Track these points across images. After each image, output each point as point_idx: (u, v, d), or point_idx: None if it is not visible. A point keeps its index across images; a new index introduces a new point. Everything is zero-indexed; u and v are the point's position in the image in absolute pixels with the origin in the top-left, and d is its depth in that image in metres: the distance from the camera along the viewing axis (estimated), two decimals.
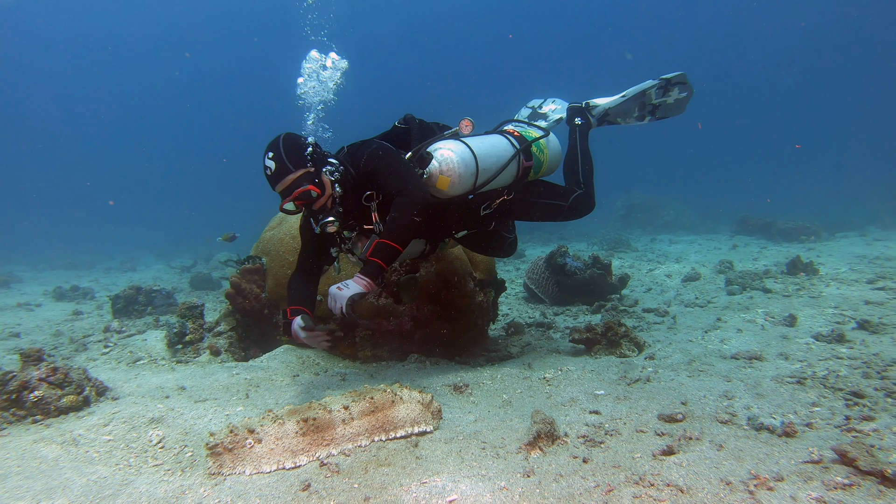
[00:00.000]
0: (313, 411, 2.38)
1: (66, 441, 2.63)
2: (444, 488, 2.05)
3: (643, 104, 4.50)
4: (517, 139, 3.71)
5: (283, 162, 2.97)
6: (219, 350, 4.37)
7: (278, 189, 3.03)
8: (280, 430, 2.31)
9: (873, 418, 2.58)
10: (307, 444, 2.32)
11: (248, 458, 2.26)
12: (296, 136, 3.15)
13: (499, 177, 3.51)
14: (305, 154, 3.04)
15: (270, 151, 3.01)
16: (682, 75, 4.40)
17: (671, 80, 4.39)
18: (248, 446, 2.27)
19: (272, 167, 2.98)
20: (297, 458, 2.29)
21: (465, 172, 3.33)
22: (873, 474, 1.97)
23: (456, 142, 3.43)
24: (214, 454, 2.26)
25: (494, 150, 3.52)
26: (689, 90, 4.43)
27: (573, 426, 2.65)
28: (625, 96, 4.44)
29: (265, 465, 2.26)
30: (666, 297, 6.90)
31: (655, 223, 18.08)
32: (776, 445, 2.32)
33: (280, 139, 3.05)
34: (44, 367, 3.23)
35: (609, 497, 1.95)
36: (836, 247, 10.34)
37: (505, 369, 3.81)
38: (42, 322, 7.06)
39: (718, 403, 2.87)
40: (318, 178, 3.06)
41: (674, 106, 4.49)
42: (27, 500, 2.04)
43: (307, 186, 2.99)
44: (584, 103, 4.48)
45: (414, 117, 3.66)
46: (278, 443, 2.29)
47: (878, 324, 4.32)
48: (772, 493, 1.92)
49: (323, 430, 2.36)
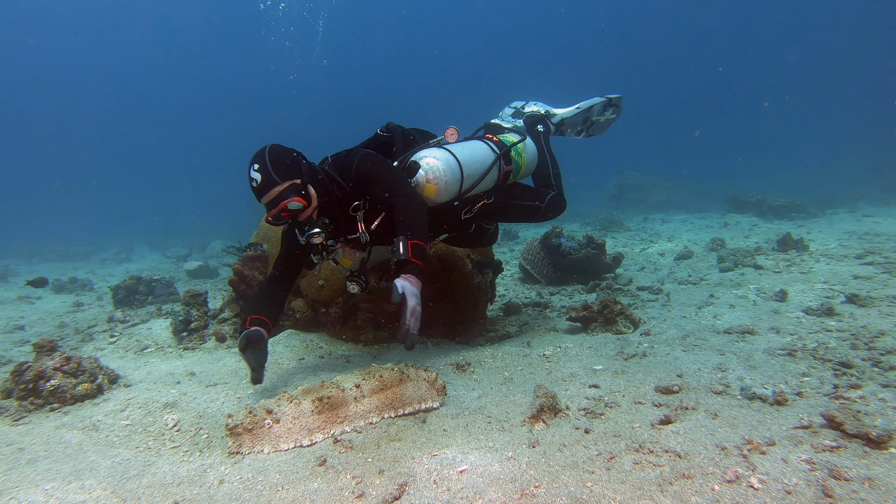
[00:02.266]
0: (327, 390, 2.48)
1: (87, 426, 2.73)
2: (455, 459, 2.16)
3: (586, 119, 4.82)
4: (497, 144, 3.82)
5: (268, 174, 2.93)
6: (224, 336, 4.46)
7: (264, 201, 3.00)
8: (297, 409, 2.41)
9: (860, 386, 2.71)
10: (322, 422, 2.43)
11: (267, 438, 2.36)
12: (281, 147, 3.12)
13: (482, 182, 3.61)
14: (291, 165, 3.02)
15: (256, 163, 2.98)
16: (619, 98, 4.81)
17: (612, 100, 4.81)
18: (267, 426, 2.37)
19: (258, 179, 2.95)
20: (313, 436, 2.40)
21: (451, 179, 3.39)
22: (859, 437, 2.09)
23: (440, 150, 3.48)
24: (234, 434, 2.36)
25: (477, 156, 3.61)
26: (619, 113, 4.87)
27: (574, 400, 2.76)
28: (579, 108, 4.75)
29: (283, 443, 2.36)
30: (659, 275, 7.03)
31: (647, 202, 18.22)
32: (768, 413, 2.45)
33: (266, 151, 3.02)
34: (57, 356, 3.30)
35: (611, 464, 2.06)
36: (826, 223, 10.51)
37: (505, 347, 3.93)
38: (44, 314, 7.10)
39: (713, 375, 2.99)
40: (305, 189, 3.03)
41: (602, 125, 4.91)
42: (58, 481, 2.14)
43: (294, 198, 2.96)
44: (545, 111, 4.70)
45: (397, 125, 3.70)
46: (295, 422, 2.39)
47: (865, 297, 4.46)
48: (764, 456, 2.03)
49: (337, 408, 2.46)
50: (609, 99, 4.78)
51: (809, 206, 12.14)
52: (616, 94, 4.82)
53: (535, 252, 7.29)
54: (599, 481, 1.93)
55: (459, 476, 2.03)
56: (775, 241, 7.79)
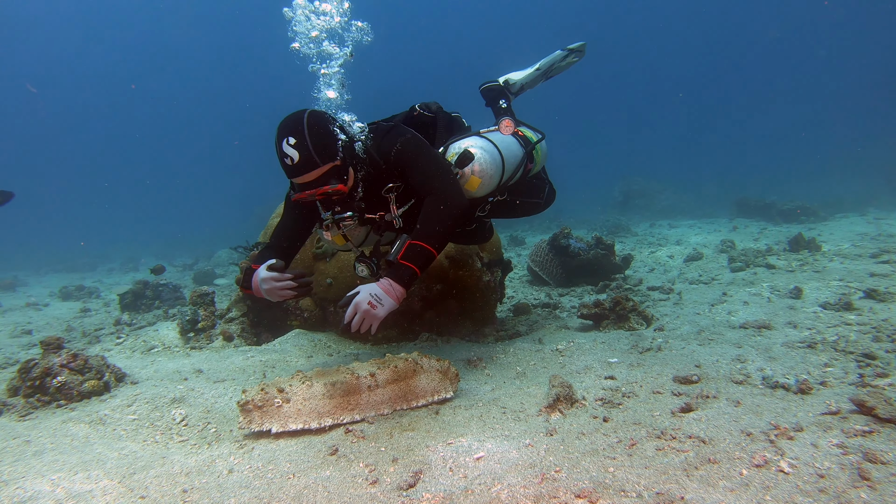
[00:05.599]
0: (342, 375, 2.43)
1: (94, 421, 2.67)
2: (471, 447, 2.09)
3: (548, 71, 4.41)
4: (522, 140, 3.57)
5: (308, 152, 2.48)
6: (231, 336, 4.41)
7: (298, 181, 2.59)
8: (308, 391, 2.35)
9: (888, 375, 2.63)
10: (333, 407, 2.37)
11: (276, 416, 2.32)
12: (321, 117, 2.63)
13: (512, 179, 3.35)
14: (333, 143, 2.58)
15: (292, 136, 2.48)
16: (582, 45, 4.39)
17: (574, 49, 4.37)
18: (277, 405, 2.32)
19: (294, 157, 2.47)
20: (322, 420, 2.35)
21: (494, 174, 3.11)
22: (892, 421, 2.01)
23: (485, 141, 3.17)
24: (245, 411, 2.33)
25: (512, 152, 3.34)
26: (581, 56, 4.44)
27: (590, 391, 2.69)
28: (539, 69, 4.32)
29: (291, 423, 2.32)
30: (669, 275, 6.94)
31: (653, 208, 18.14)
32: (792, 401, 2.37)
33: (304, 122, 2.52)
34: (64, 353, 3.26)
35: (633, 450, 1.99)
36: (837, 226, 10.39)
37: (516, 344, 3.86)
38: (52, 320, 7.09)
39: (732, 366, 2.92)
40: (346, 173, 2.65)
41: (562, 68, 4.46)
42: (65, 471, 2.08)
43: (336, 185, 2.55)
44: (503, 81, 4.23)
45: (440, 107, 3.41)
46: (305, 403, 2.34)
47: (885, 292, 4.37)
48: (792, 441, 1.96)
49: (349, 395, 2.40)
50: (569, 50, 4.35)
51: (819, 210, 12.02)
52: (577, 43, 4.39)
53: (544, 253, 7.23)
54: (622, 466, 1.86)
55: (476, 463, 1.97)
56: (786, 243, 7.69)
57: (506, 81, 4.18)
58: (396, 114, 3.50)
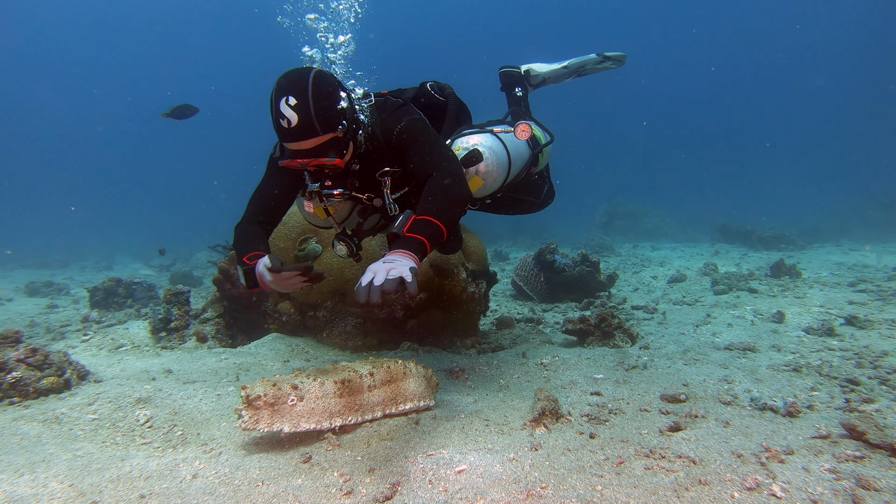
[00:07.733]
0: (346, 373, 2.31)
1: (49, 419, 2.50)
2: (452, 459, 1.99)
3: (578, 70, 4.28)
4: (532, 141, 3.36)
5: (309, 117, 2.19)
6: (205, 336, 4.24)
7: (293, 147, 2.28)
8: (321, 389, 2.21)
9: (874, 400, 2.60)
10: (342, 407, 2.25)
11: (289, 416, 2.14)
12: (328, 79, 2.33)
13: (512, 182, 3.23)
14: (338, 112, 2.29)
15: (293, 96, 2.18)
16: (623, 56, 4.25)
17: (611, 56, 4.23)
18: (291, 403, 2.15)
19: (293, 120, 2.18)
20: (332, 420, 2.22)
21: (499, 177, 2.94)
22: (883, 447, 1.97)
23: (496, 142, 2.99)
24: (253, 407, 2.11)
25: (521, 156, 3.20)
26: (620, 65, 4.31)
27: (576, 406, 2.61)
28: (567, 67, 4.14)
29: (304, 423, 2.15)
30: (653, 296, 6.93)
31: (637, 230, 18.27)
32: (781, 423, 2.32)
33: (310, 82, 2.23)
34: (22, 348, 3.08)
35: (621, 468, 1.91)
36: (815, 255, 10.56)
37: (500, 357, 3.77)
38: (14, 315, 6.79)
39: (719, 387, 2.87)
40: (346, 147, 2.38)
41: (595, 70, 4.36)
42: (9, 473, 1.92)
43: (333, 160, 2.28)
44: (525, 70, 4.02)
45: (454, 93, 3.17)
46: (318, 402, 2.20)
47: (864, 320, 4.39)
48: (783, 465, 1.90)
49: (355, 394, 2.31)
50: (605, 56, 4.17)
51: (797, 239, 12.24)
52: (617, 52, 4.21)
53: (529, 268, 7.17)
54: (610, 485, 1.77)
55: (457, 476, 1.86)
56: (768, 268, 7.77)
57: (528, 71, 4.02)
58: (406, 88, 3.23)
